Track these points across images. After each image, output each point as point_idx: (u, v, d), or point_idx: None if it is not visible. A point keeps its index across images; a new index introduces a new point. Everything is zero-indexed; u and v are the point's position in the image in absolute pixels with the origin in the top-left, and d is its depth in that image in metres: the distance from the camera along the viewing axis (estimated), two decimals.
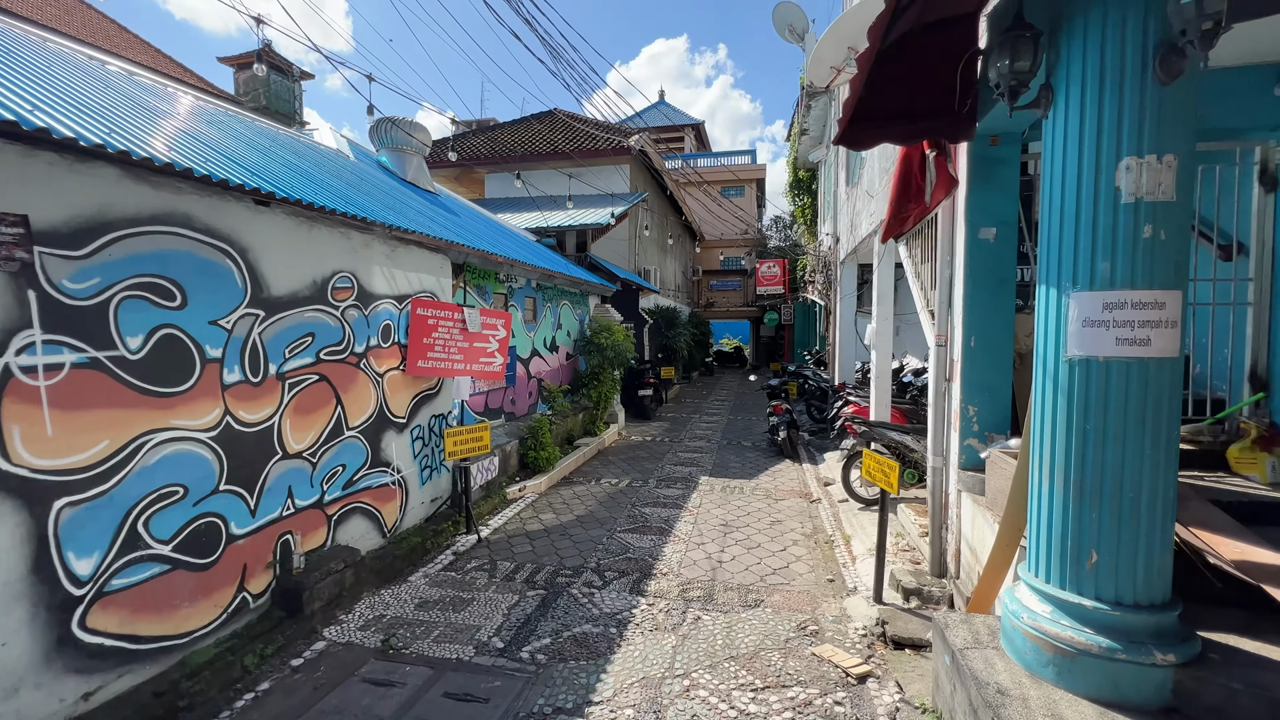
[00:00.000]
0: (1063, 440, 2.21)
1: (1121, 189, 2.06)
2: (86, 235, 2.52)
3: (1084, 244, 2.13)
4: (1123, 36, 2.03)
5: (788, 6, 11.65)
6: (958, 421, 3.71)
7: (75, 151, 2.43)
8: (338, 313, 3.99)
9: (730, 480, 7.24)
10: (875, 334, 6.93)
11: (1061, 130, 2.21)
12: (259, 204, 3.34)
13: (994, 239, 3.56)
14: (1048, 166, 2.30)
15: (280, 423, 3.53)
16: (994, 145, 3.53)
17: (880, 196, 6.49)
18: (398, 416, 4.67)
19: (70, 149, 2.38)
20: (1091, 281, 2.11)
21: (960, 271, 3.68)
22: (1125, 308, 2.06)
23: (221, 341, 3.14)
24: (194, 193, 2.97)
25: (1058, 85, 2.23)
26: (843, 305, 10.15)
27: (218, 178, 2.88)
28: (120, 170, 2.63)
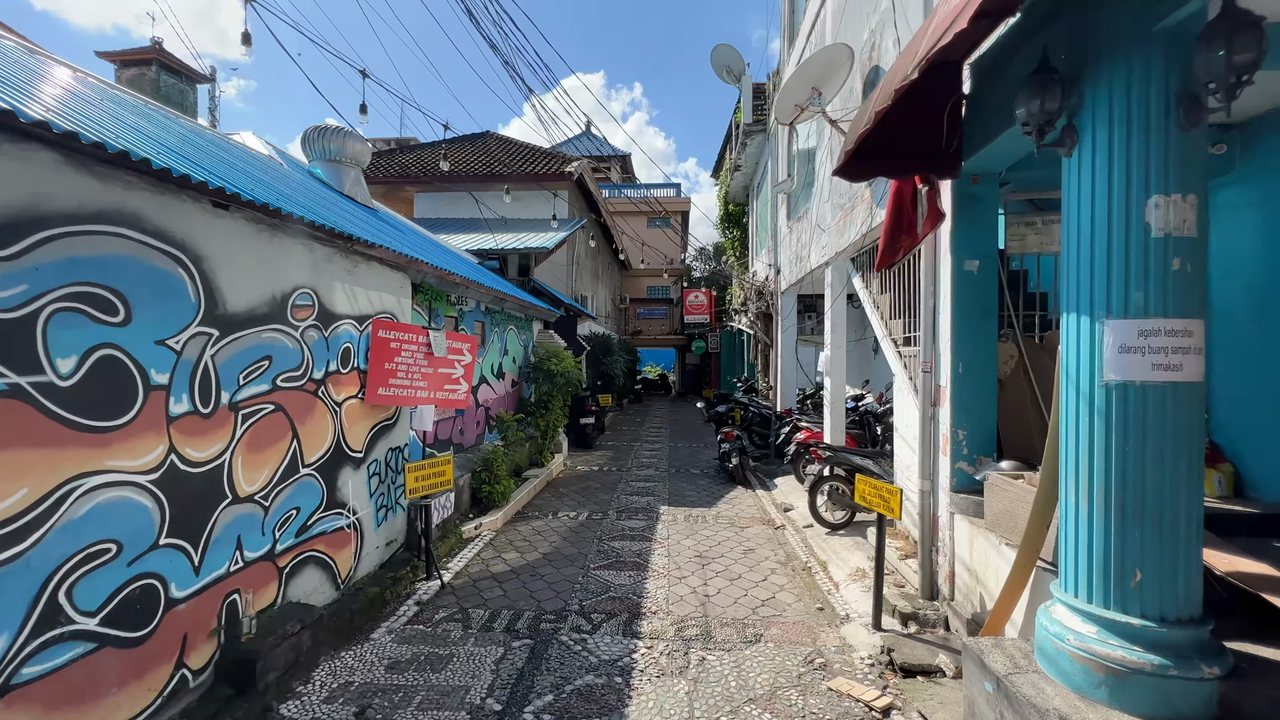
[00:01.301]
0: (1101, 462, 2.29)
1: (1151, 225, 2.20)
2: (12, 232, 2.03)
3: (1117, 275, 2.26)
4: (1147, 86, 2.20)
5: (725, 50, 12.19)
6: (947, 445, 3.83)
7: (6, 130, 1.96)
8: (297, 334, 3.51)
9: (691, 509, 7.12)
10: (829, 361, 7.17)
11: (1089, 169, 2.35)
12: (218, 206, 2.89)
13: (977, 270, 3.77)
14: (1074, 202, 2.43)
15: (231, 461, 3.01)
16: (975, 184, 3.76)
17: (832, 230, 6.79)
18: (355, 451, 4.17)
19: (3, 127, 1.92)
20: (1126, 310, 2.23)
21: (946, 301, 3.85)
22: (1159, 335, 2.19)
23: (169, 365, 2.64)
24: (146, 189, 2.51)
25: (1083, 127, 2.38)
26: (784, 334, 10.49)
27: (179, 172, 2.45)
28: (60, 156, 2.16)
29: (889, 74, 2.96)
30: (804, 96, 5.79)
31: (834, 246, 6.69)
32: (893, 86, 2.78)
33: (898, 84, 2.72)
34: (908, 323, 5.24)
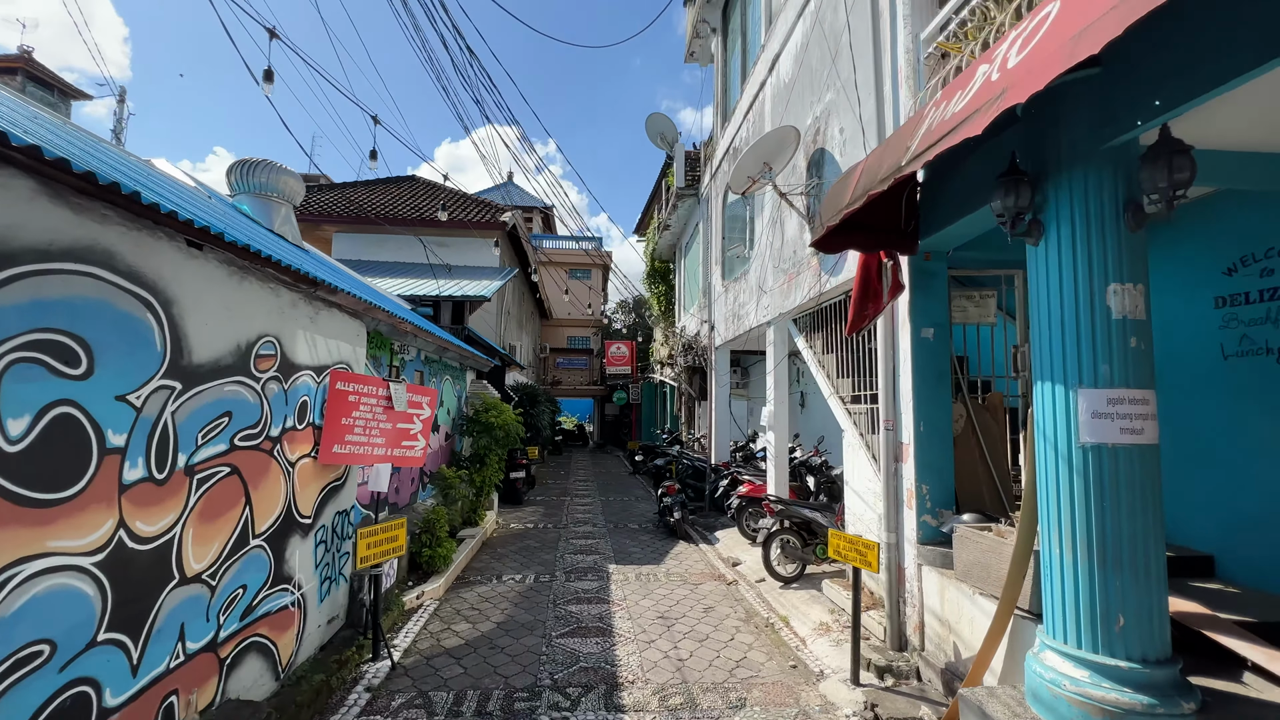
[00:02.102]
0: (1083, 516, 2.55)
1: (1111, 308, 2.57)
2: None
3: (1086, 350, 2.59)
4: (1101, 192, 2.61)
5: (660, 118, 12.93)
6: (913, 500, 4.09)
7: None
8: (258, 386, 3.17)
9: (640, 567, 6.97)
10: (772, 416, 7.47)
11: (1055, 257, 2.71)
12: (191, 246, 2.60)
13: (932, 338, 4.15)
14: (1042, 285, 2.79)
15: (182, 535, 2.60)
16: (927, 260, 4.20)
17: (775, 292, 7.22)
18: (304, 517, 3.74)
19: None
20: (1096, 380, 2.56)
21: (906, 365, 4.19)
22: (1124, 403, 2.52)
23: (128, 424, 2.28)
24: (122, 224, 2.22)
25: (1047, 221, 2.77)
26: (718, 389, 10.82)
27: (167, 208, 2.20)
28: (37, 185, 1.88)
29: (871, 166, 3.29)
30: (756, 170, 6.25)
31: (777, 308, 7.10)
32: (879, 177, 3.08)
33: (885, 173, 3.02)
34: (856, 382, 5.61)
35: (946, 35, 3.87)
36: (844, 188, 3.65)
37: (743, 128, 9.00)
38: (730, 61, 10.66)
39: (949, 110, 2.54)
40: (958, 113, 2.44)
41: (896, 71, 4.39)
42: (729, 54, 10.77)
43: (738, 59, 10.00)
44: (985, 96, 2.23)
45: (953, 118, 2.47)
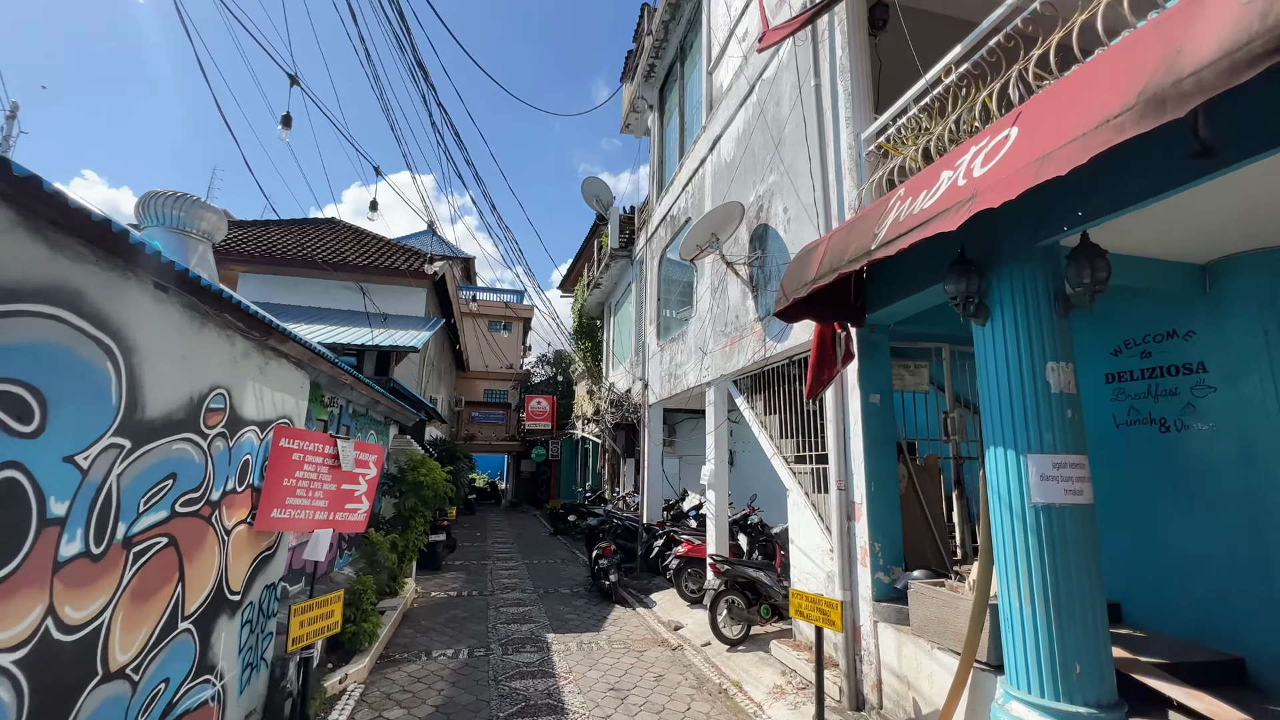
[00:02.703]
0: (1039, 570, 2.82)
1: (1050, 383, 2.95)
2: None
3: (1032, 420, 2.94)
4: (1035, 283, 3.04)
5: (596, 182, 13.41)
6: (866, 558, 4.29)
7: None
8: (205, 444, 2.84)
9: (580, 635, 6.67)
10: (713, 475, 7.60)
11: (1000, 337, 3.10)
12: (158, 288, 2.37)
13: (879, 403, 4.50)
14: (989, 360, 3.15)
15: (111, 621, 2.22)
16: (872, 332, 4.61)
17: (716, 354, 7.52)
18: (234, 593, 3.30)
19: None
20: (1042, 447, 2.90)
21: (857, 428, 4.49)
22: (1066, 467, 2.86)
23: (72, 489, 1.97)
24: (95, 263, 1.99)
25: (992, 306, 3.16)
26: (651, 447, 10.88)
27: (153, 247, 2.02)
28: (16, 216, 1.67)
29: (835, 247, 3.62)
30: (706, 240, 6.62)
31: (719, 369, 7.38)
32: (846, 258, 3.40)
33: (853, 255, 3.34)
34: (800, 443, 5.90)
35: (886, 138, 4.41)
36: (806, 264, 3.98)
37: (681, 198, 9.53)
38: (667, 136, 11.37)
39: (917, 206, 2.89)
40: (927, 209, 2.78)
41: (840, 164, 4.91)
42: (665, 129, 11.50)
43: (675, 134, 10.69)
44: (956, 198, 2.58)
45: (922, 213, 2.81)
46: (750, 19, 7.06)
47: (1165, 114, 1.75)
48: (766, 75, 6.45)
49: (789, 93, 5.90)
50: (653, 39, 10.75)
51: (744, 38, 7.26)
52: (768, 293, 6.17)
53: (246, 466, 3.35)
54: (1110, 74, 2.04)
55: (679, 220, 9.66)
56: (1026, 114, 2.42)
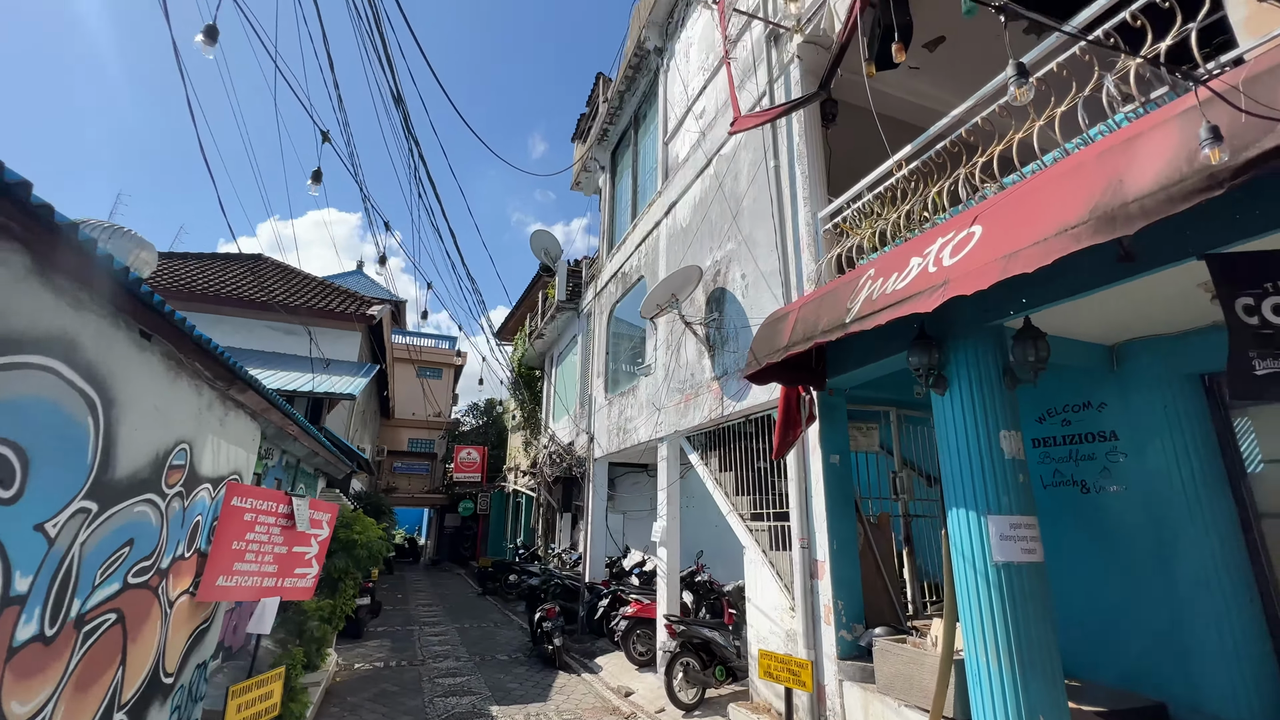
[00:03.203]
0: (1002, 625, 3.03)
1: (1004, 450, 3.26)
2: None
3: (990, 483, 3.22)
4: (988, 357, 3.40)
5: (545, 235, 13.61)
6: (830, 615, 4.40)
7: None
8: (164, 505, 2.58)
9: (527, 707, 6.30)
10: (664, 532, 7.58)
11: (959, 406, 3.41)
12: (144, 335, 2.21)
13: (838, 463, 4.74)
14: (949, 427, 3.45)
15: (53, 713, 1.93)
16: (831, 395, 4.90)
17: (670, 410, 7.65)
18: (168, 674, 2.93)
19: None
20: (1000, 509, 3.17)
21: (818, 487, 4.70)
22: (1022, 527, 3.14)
23: (37, 561, 1.75)
24: (94, 310, 1.86)
25: (950, 377, 3.49)
26: (595, 502, 10.71)
27: (145, 290, 1.91)
28: (31, 263, 1.55)
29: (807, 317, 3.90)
30: (665, 300, 6.86)
31: (672, 425, 7.49)
32: (820, 329, 3.67)
33: (827, 327, 3.61)
34: (757, 500, 6.05)
35: (842, 218, 4.85)
36: (777, 331, 4.23)
37: (634, 257, 9.84)
38: (618, 196, 11.79)
39: (889, 286, 3.20)
40: (900, 290, 3.09)
41: (799, 239, 5.32)
42: (617, 190, 11.94)
43: (627, 195, 11.12)
44: (929, 282, 2.89)
45: (896, 293, 3.11)
46: (708, 99, 7.63)
47: (1116, 230, 2.10)
48: (724, 151, 6.94)
49: (747, 170, 6.37)
50: (608, 106, 11.29)
51: (701, 115, 7.80)
52: (725, 352, 6.43)
53: (196, 529, 3.05)
54: (1061, 190, 2.42)
55: (631, 277, 9.94)
56: (988, 215, 2.79)
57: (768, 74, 6.14)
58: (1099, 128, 2.98)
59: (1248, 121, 1.80)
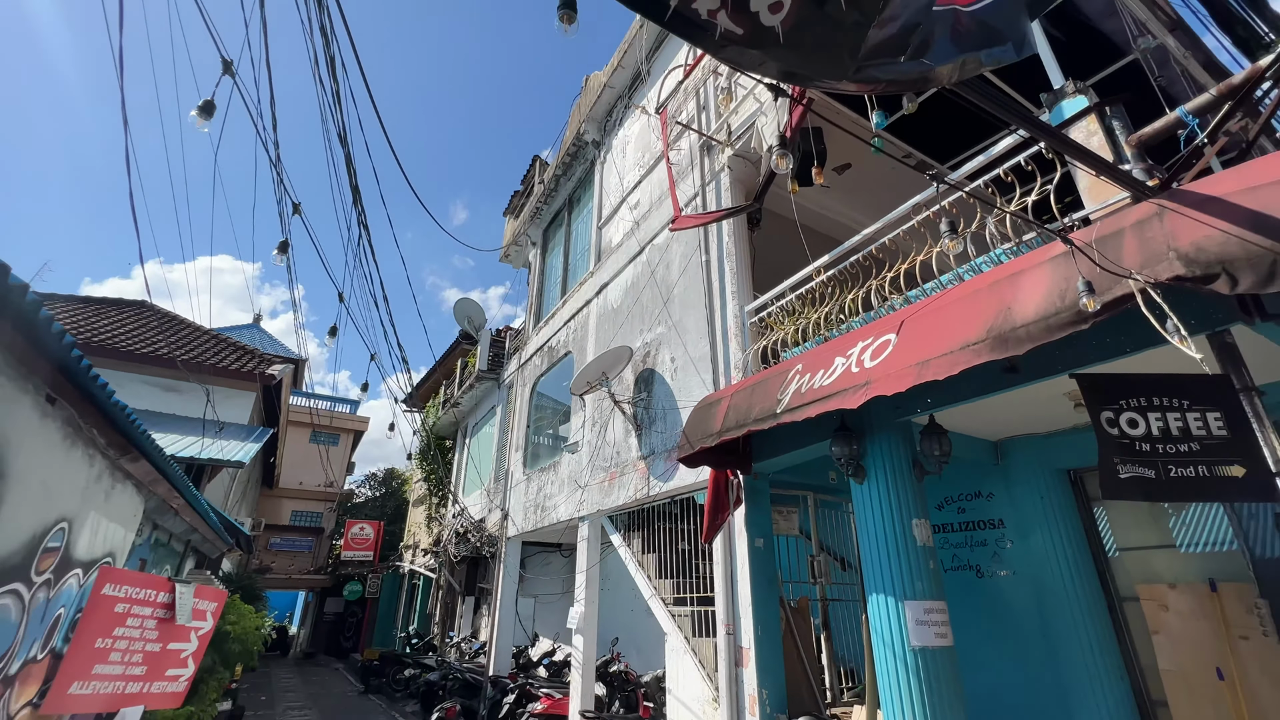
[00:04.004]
0: (920, 709, 3.16)
1: (916, 537, 3.54)
2: None
3: (906, 570, 3.46)
4: (900, 449, 3.74)
5: (469, 303, 13.50)
6: (755, 706, 4.36)
7: None
8: (28, 596, 2.22)
9: None
10: (582, 618, 7.26)
11: (876, 495, 3.69)
12: (49, 400, 1.99)
13: (762, 547, 4.87)
14: (867, 515, 3.70)
15: None
16: (756, 479, 5.10)
17: (593, 489, 7.56)
18: None
19: None
20: (915, 594, 3.39)
21: (744, 571, 4.77)
22: (934, 613, 3.37)
23: None
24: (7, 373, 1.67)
25: (868, 467, 3.79)
26: (505, 584, 10.10)
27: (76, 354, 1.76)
28: None
29: (739, 406, 4.13)
30: (596, 378, 6.96)
31: (595, 504, 7.39)
32: (753, 417, 3.90)
33: (759, 415, 3.85)
34: (680, 584, 6.01)
35: (767, 313, 5.27)
36: (710, 416, 4.42)
37: (563, 332, 9.96)
38: (548, 272, 12.03)
39: (816, 382, 3.50)
40: (827, 386, 3.38)
41: (727, 329, 5.68)
42: (547, 266, 12.20)
43: (557, 272, 11.38)
44: (852, 381, 3.20)
45: (823, 389, 3.40)
46: (643, 192, 8.18)
47: (1008, 350, 2.48)
48: (658, 241, 7.39)
49: (679, 261, 6.81)
50: (543, 188, 11.74)
51: (636, 206, 8.32)
52: (652, 432, 6.55)
53: (56, 624, 2.61)
54: (963, 311, 2.84)
55: (558, 352, 10.00)
56: (903, 326, 3.18)
57: (701, 178, 6.74)
58: (983, 259, 3.54)
59: (1101, 273, 2.26)
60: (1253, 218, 1.98)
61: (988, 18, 1.43)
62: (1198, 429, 2.38)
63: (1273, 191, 2.00)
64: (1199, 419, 2.40)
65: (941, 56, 1.32)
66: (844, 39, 1.16)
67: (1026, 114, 2.08)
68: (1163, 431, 2.38)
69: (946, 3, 1.46)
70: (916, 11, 1.31)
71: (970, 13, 1.44)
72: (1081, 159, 2.33)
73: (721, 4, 1.12)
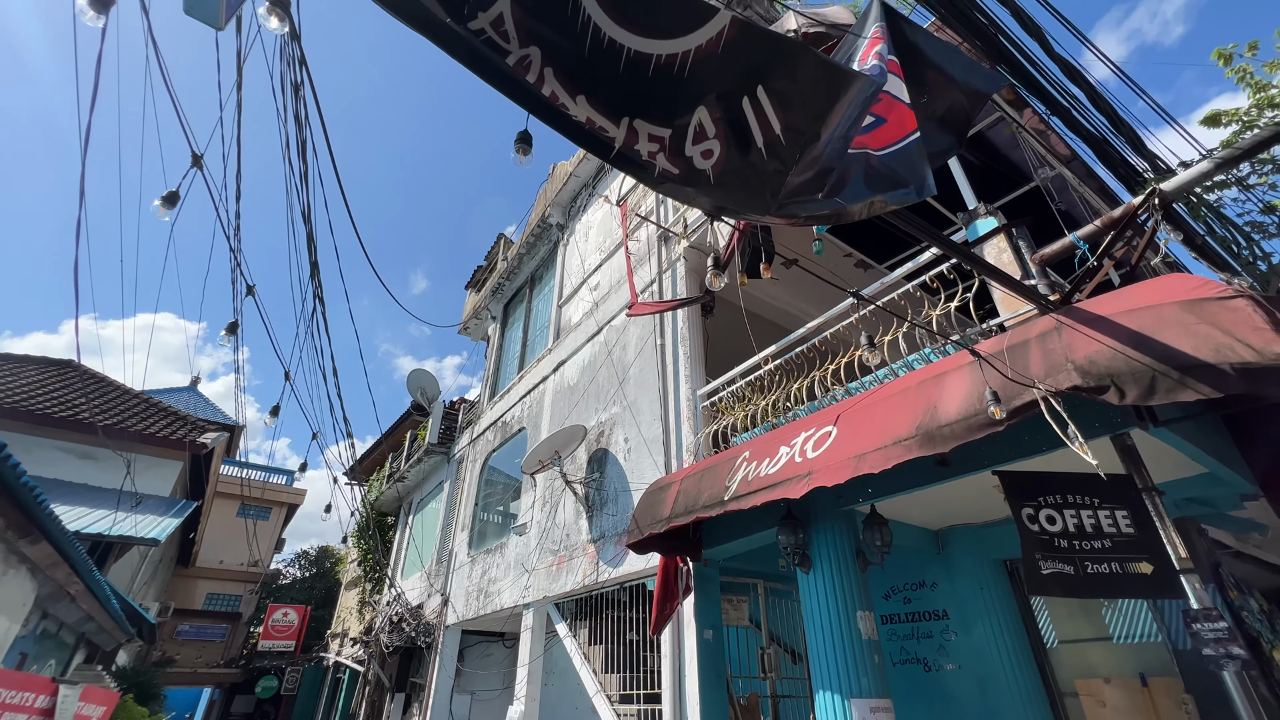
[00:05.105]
0: None
1: (861, 630, 3.53)
2: None
3: (852, 665, 3.42)
4: (844, 540, 3.80)
5: (423, 374, 13.32)
6: None
7: None
8: None
9: None
10: (523, 717, 6.73)
11: (822, 585, 3.70)
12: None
13: (711, 639, 4.74)
14: (813, 606, 3.69)
15: None
16: (705, 565, 5.03)
17: (540, 573, 7.26)
18: None
19: None
20: (860, 691, 3.34)
21: (692, 665, 4.60)
22: (880, 710, 3.31)
23: None
24: None
25: (814, 556, 3.82)
26: (440, 679, 9.34)
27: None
28: None
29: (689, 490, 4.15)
30: (549, 456, 6.88)
31: (542, 589, 7.07)
32: (701, 503, 3.93)
33: (707, 502, 3.87)
34: (627, 679, 5.71)
35: (719, 397, 5.42)
36: (660, 501, 4.42)
37: (518, 408, 9.87)
38: (506, 347, 12.07)
39: (762, 470, 3.58)
40: (772, 475, 3.47)
41: (680, 412, 5.78)
42: (505, 340, 12.25)
43: (515, 347, 11.43)
44: (796, 471, 3.29)
45: (768, 478, 3.48)
46: (603, 275, 8.47)
47: (935, 447, 2.64)
48: (615, 323, 7.59)
49: (635, 343, 6.98)
50: (506, 265, 12.01)
51: (596, 288, 8.58)
52: (603, 514, 6.43)
53: None
54: (894, 407, 3.01)
55: (512, 427, 9.87)
56: (842, 419, 3.34)
57: (658, 265, 7.06)
58: (914, 356, 3.80)
59: (1010, 380, 2.47)
60: (1134, 337, 2.24)
61: (894, 164, 1.66)
62: (1109, 526, 2.54)
63: (1148, 315, 2.28)
64: (1109, 516, 2.57)
65: (853, 196, 1.51)
66: (766, 183, 1.33)
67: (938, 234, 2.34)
68: (1077, 528, 2.53)
69: (860, 146, 1.68)
70: (833, 156, 1.50)
71: (880, 157, 1.67)
72: (993, 277, 2.61)
73: (660, 148, 1.28)
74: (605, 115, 1.28)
